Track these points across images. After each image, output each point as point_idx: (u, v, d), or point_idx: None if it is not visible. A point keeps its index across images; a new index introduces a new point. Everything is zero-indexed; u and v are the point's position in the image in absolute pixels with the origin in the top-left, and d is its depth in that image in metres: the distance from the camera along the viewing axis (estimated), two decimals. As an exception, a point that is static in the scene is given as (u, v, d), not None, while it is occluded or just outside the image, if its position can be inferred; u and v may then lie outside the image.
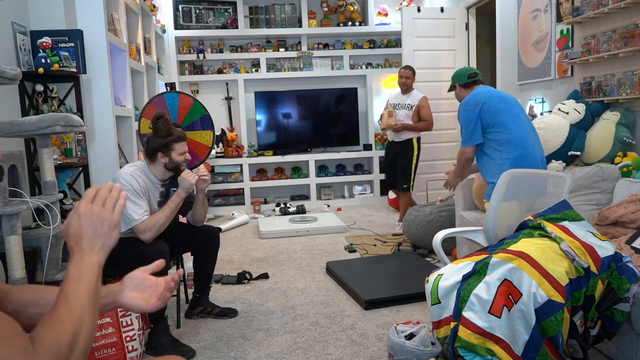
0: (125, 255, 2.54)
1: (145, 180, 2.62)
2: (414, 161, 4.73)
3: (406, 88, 4.70)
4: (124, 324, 2.31)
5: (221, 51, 6.46)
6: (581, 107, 3.23)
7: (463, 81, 3.15)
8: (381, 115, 4.83)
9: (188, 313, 2.94)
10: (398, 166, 4.75)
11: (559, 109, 3.31)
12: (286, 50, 6.53)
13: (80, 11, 3.56)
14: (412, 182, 4.75)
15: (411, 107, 4.67)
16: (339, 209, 6.24)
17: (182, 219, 3.08)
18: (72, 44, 3.29)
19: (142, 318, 2.44)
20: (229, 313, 2.94)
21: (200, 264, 2.90)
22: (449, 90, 3.32)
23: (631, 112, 3.03)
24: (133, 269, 2.68)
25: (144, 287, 1.13)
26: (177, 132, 2.65)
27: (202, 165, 2.71)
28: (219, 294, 3.33)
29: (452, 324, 1.89)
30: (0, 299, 1.01)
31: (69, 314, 0.83)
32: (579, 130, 3.21)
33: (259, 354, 2.47)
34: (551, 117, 3.32)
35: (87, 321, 0.84)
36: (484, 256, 2.00)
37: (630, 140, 2.95)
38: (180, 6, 6.24)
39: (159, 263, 1.15)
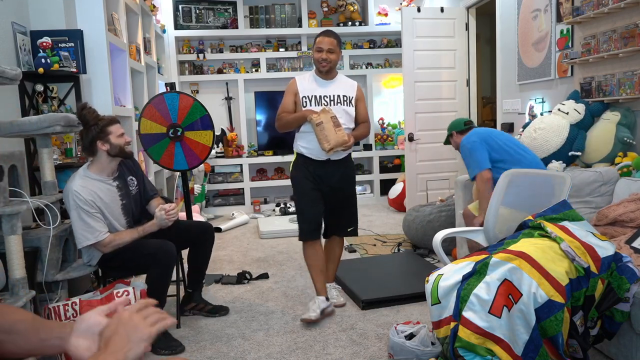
0: (133, 256, 2.55)
1: (93, 187, 2.47)
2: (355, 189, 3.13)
3: (330, 69, 2.88)
4: (124, 324, 2.30)
5: (221, 51, 6.46)
6: (581, 107, 3.22)
7: (460, 128, 3.28)
8: (315, 123, 2.73)
9: (180, 309, 2.94)
10: (340, 200, 3.00)
11: (559, 109, 3.31)
12: (286, 50, 6.52)
13: (80, 11, 3.56)
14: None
15: (350, 101, 2.93)
16: (339, 209, 6.21)
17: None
18: (72, 44, 3.29)
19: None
20: (220, 310, 2.96)
21: (194, 259, 2.91)
22: (446, 143, 3.40)
23: (632, 112, 3.03)
24: (141, 269, 2.65)
25: (92, 333, 0.99)
26: (107, 117, 2.57)
27: (171, 206, 2.68)
28: (219, 294, 3.33)
29: (452, 324, 1.89)
30: None
31: None
32: (579, 130, 3.20)
33: (259, 354, 2.47)
34: (551, 117, 3.32)
35: None
36: (484, 256, 2.00)
37: (630, 141, 2.95)
38: (180, 6, 6.24)
39: (123, 300, 1.05)
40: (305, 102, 2.87)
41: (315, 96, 2.87)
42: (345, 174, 2.98)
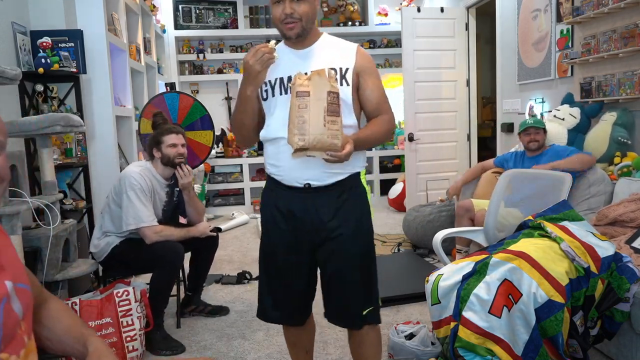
0: (142, 254, 2.56)
1: (152, 180, 2.65)
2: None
3: (302, 31, 1.60)
4: (125, 324, 2.31)
5: (221, 51, 6.46)
6: (575, 111, 3.23)
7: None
8: (296, 92, 1.48)
9: (180, 311, 2.95)
10: (341, 265, 1.68)
11: (555, 116, 3.32)
12: (286, 50, 6.52)
13: (80, 11, 3.56)
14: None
15: (344, 77, 1.61)
16: (339, 209, 6.20)
17: (182, 220, 3.08)
18: (72, 44, 3.29)
19: (146, 317, 2.44)
20: (220, 311, 2.97)
21: (197, 264, 2.93)
22: (543, 129, 3.18)
23: (629, 112, 3.03)
24: (146, 269, 2.66)
25: None
26: (168, 125, 2.68)
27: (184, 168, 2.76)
28: (219, 294, 3.33)
29: (452, 324, 1.89)
30: None
31: None
32: (577, 133, 3.22)
33: (259, 354, 2.47)
34: (548, 125, 3.33)
35: None
36: (484, 256, 2.00)
37: (625, 140, 2.95)
38: (180, 6, 6.24)
39: None
40: (266, 90, 1.68)
41: (282, 79, 1.64)
42: (346, 214, 1.63)
